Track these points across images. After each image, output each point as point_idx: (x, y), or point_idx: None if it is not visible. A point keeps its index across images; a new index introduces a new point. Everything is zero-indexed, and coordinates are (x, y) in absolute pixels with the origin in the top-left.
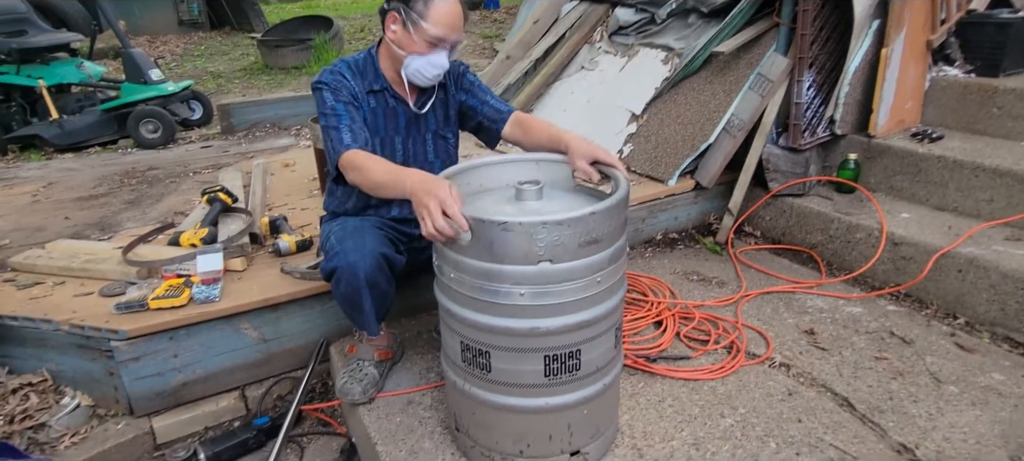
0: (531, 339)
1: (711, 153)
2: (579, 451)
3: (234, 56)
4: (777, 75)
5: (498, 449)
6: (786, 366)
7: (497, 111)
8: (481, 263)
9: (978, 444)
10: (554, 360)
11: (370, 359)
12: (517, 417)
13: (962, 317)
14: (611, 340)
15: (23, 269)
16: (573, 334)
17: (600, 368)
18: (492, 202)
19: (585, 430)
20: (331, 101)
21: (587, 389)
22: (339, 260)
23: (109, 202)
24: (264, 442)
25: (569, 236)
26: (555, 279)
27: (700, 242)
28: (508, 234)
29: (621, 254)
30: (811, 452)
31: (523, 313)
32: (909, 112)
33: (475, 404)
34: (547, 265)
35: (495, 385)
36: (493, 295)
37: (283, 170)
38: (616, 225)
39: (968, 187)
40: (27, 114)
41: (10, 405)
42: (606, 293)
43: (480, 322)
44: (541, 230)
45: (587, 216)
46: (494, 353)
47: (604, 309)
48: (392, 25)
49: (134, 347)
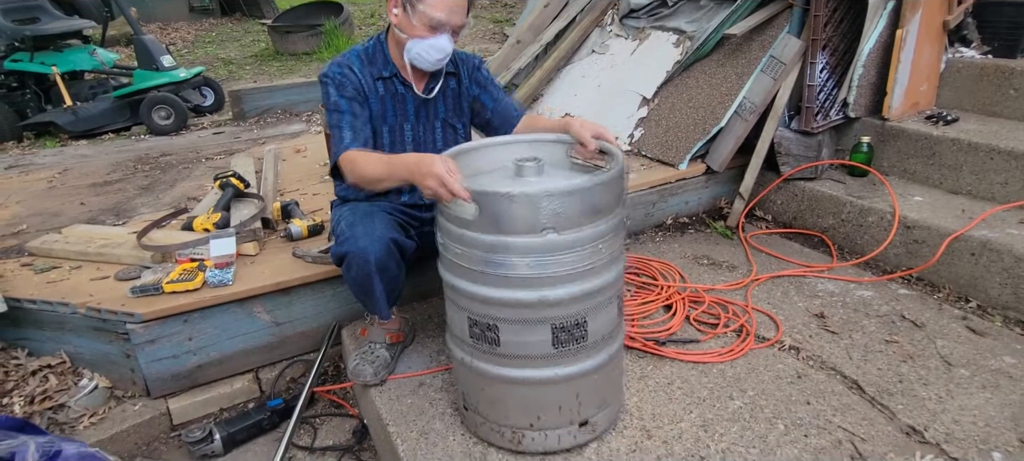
0: (539, 310)
1: (722, 137)
2: (587, 421)
3: (245, 42)
4: (790, 57)
5: (508, 424)
6: (796, 349)
7: (510, 112)
8: (487, 236)
9: (987, 427)
10: (562, 330)
11: (382, 342)
12: (527, 389)
13: (974, 301)
14: (615, 309)
15: (40, 253)
16: (579, 303)
17: (605, 336)
18: (493, 180)
19: (593, 400)
20: (335, 97)
21: (594, 358)
22: (350, 245)
23: (123, 188)
24: (278, 423)
25: (573, 205)
26: (561, 248)
27: (711, 226)
28: (514, 205)
29: (621, 225)
30: (820, 434)
31: (530, 284)
32: (924, 94)
33: (484, 380)
34: (553, 235)
35: (504, 358)
36: (499, 267)
37: (294, 156)
38: (616, 195)
39: (983, 170)
40: (41, 101)
41: (30, 386)
42: (609, 262)
43: (488, 296)
44: (545, 200)
45: (592, 186)
46: (502, 326)
47: (608, 278)
48: (394, 8)
49: (150, 330)
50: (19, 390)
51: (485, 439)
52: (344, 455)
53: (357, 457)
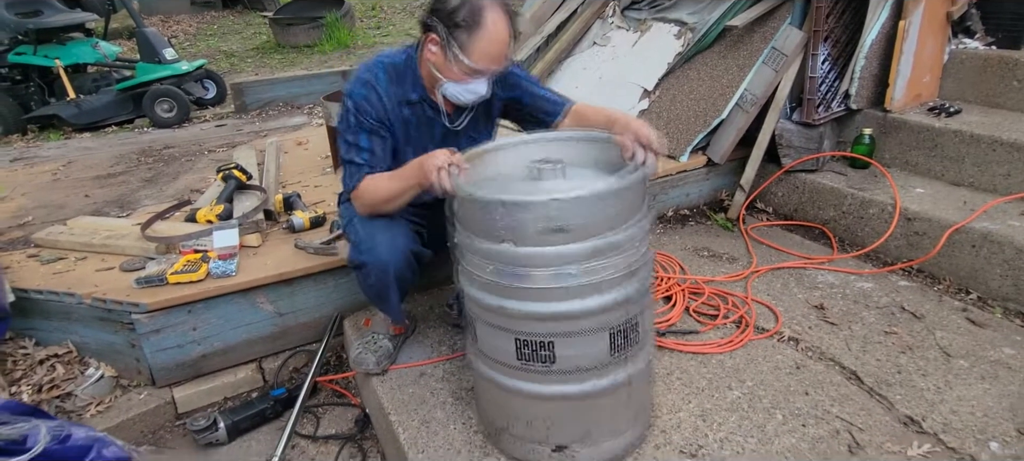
0: (501, 318)
1: (723, 129)
2: (565, 448)
3: (246, 35)
4: (792, 49)
5: (487, 418)
6: (795, 340)
7: (551, 104)
8: (464, 232)
9: (986, 417)
10: (526, 346)
11: (384, 332)
12: (498, 392)
13: (974, 292)
14: (601, 342)
15: (46, 245)
16: (543, 324)
17: (584, 368)
18: (506, 184)
19: (568, 428)
20: (353, 124)
21: (565, 386)
22: (369, 257)
23: (127, 180)
24: (281, 412)
25: (527, 221)
26: (518, 262)
27: (711, 218)
28: (472, 207)
29: (614, 250)
30: (818, 423)
31: (492, 289)
32: (926, 86)
33: (472, 370)
34: (509, 246)
35: (482, 356)
36: (473, 266)
37: (296, 148)
38: (598, 217)
39: (985, 162)
40: (45, 94)
41: (38, 375)
42: (588, 289)
43: (468, 292)
44: (499, 209)
45: (547, 202)
46: (478, 324)
47: (585, 306)
48: (431, 46)
49: (154, 320)
50: (27, 379)
51: (480, 429)
52: (346, 444)
53: (359, 446)
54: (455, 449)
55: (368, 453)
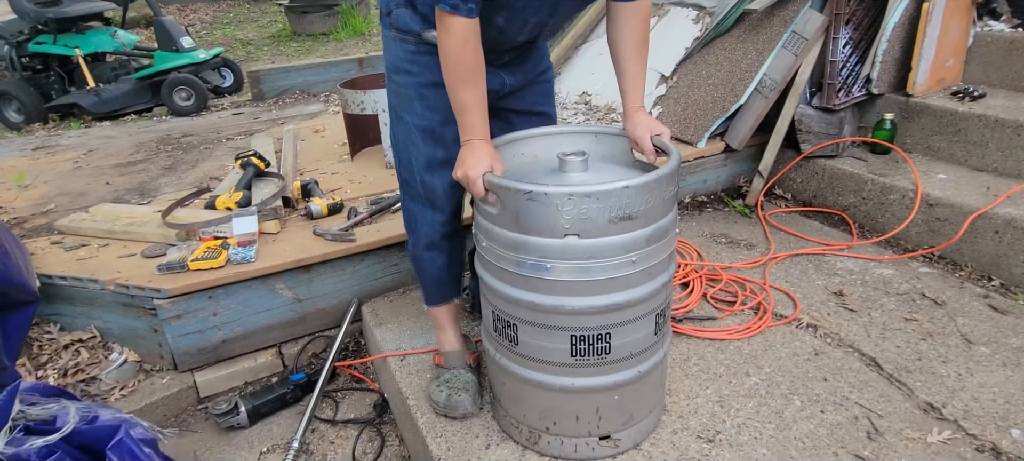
0: (556, 317)
1: (742, 114)
2: (610, 436)
3: (262, 23)
4: (812, 33)
5: (525, 422)
6: (813, 327)
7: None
8: (508, 233)
9: (1007, 404)
10: (582, 341)
11: (462, 365)
12: (543, 393)
13: (997, 279)
14: (649, 326)
15: (69, 231)
16: (602, 316)
17: (635, 354)
18: (531, 174)
19: (615, 416)
20: None
21: (618, 374)
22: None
23: (147, 168)
24: (301, 397)
25: (598, 210)
26: (583, 255)
27: (729, 205)
28: (533, 204)
29: (664, 234)
30: (836, 410)
31: (548, 289)
32: (950, 70)
33: (505, 375)
34: (574, 239)
35: (522, 359)
36: (519, 266)
37: (313, 136)
38: (657, 202)
39: (1010, 147)
40: (65, 83)
41: (63, 359)
42: (643, 275)
43: (508, 294)
44: (568, 202)
45: (620, 190)
46: (521, 327)
47: (640, 293)
48: None
49: (176, 305)
50: (53, 363)
51: (505, 432)
52: (365, 428)
53: (378, 430)
54: (474, 433)
55: (387, 437)
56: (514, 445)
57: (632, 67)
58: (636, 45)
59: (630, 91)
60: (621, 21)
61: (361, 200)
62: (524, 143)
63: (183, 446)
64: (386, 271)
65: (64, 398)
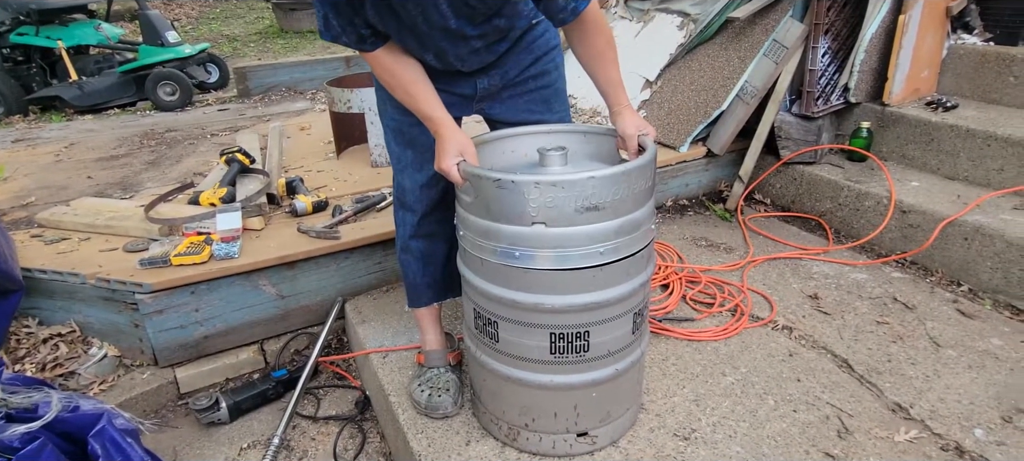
0: (536, 314)
1: (724, 120)
2: (587, 433)
3: (249, 19)
4: (792, 42)
5: (505, 419)
6: (788, 329)
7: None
8: (481, 221)
9: (972, 404)
10: (561, 339)
11: (443, 364)
12: (523, 390)
13: (966, 284)
14: (627, 325)
15: (49, 225)
16: (581, 314)
17: (613, 352)
18: (521, 167)
19: (593, 413)
20: None
21: (596, 372)
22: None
23: (130, 163)
24: (282, 393)
25: (564, 199)
26: (550, 243)
27: (710, 209)
28: (502, 191)
29: (634, 228)
30: (808, 409)
31: (528, 286)
32: (925, 81)
33: (485, 372)
34: (541, 228)
35: (503, 356)
36: (493, 254)
37: (299, 133)
38: (626, 195)
39: (979, 156)
40: (47, 75)
41: (41, 354)
42: (621, 275)
43: (489, 291)
44: (534, 190)
45: (585, 180)
46: (502, 324)
47: (618, 292)
48: None
49: (157, 300)
50: (30, 357)
51: (485, 428)
52: (347, 424)
53: (359, 426)
54: (454, 430)
55: (368, 434)
56: (494, 441)
57: (602, 70)
58: (600, 49)
59: (611, 92)
60: (575, 37)
61: (346, 198)
62: (512, 141)
63: (163, 441)
64: (370, 269)
65: (46, 387)
